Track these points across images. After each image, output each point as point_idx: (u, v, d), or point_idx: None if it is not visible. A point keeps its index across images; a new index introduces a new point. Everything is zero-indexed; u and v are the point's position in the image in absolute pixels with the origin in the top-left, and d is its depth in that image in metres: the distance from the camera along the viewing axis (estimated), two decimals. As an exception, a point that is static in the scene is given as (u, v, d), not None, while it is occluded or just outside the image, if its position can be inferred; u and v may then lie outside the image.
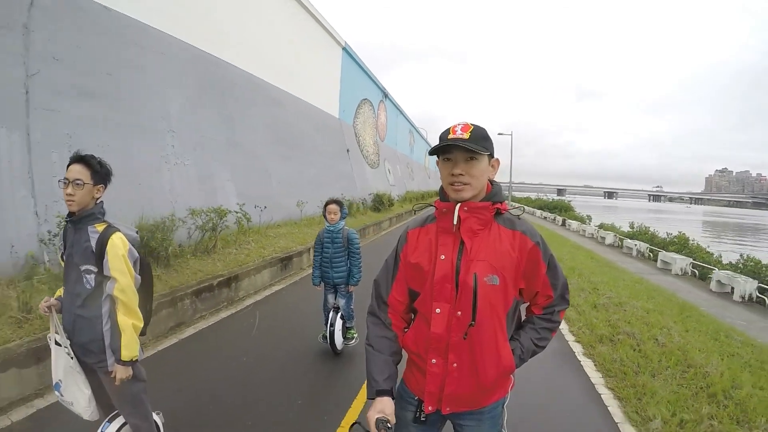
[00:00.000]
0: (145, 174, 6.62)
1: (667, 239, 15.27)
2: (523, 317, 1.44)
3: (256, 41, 10.97)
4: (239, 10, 10.18)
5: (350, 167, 17.32)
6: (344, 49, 18.00)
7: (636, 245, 14.63)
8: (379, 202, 15.91)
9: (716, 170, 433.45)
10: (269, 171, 10.53)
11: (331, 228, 3.71)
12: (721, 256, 13.66)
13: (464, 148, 1.19)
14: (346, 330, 3.93)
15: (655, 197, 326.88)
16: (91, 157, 1.78)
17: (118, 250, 1.75)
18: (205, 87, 8.73)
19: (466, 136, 1.20)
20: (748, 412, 3.18)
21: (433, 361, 1.27)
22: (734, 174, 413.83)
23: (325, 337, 3.77)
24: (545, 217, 31.20)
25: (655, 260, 13.07)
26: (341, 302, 3.86)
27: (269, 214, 9.08)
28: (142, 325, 1.84)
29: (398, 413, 1.36)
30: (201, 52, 8.70)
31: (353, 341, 3.99)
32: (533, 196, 66.84)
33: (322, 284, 3.85)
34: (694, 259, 12.15)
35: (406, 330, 1.40)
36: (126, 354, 1.76)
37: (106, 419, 1.97)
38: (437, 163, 1.30)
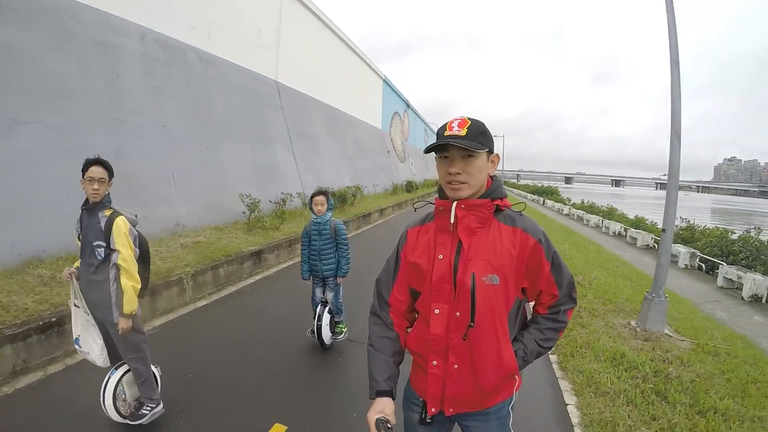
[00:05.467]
0: (326, 171, 14.80)
1: (601, 209, 23.09)
2: (530, 316, 1.38)
3: (345, 88, 19.05)
4: (338, 75, 18.23)
5: (390, 163, 25.50)
6: (384, 80, 26.02)
7: (577, 212, 22.49)
8: (410, 186, 24.10)
9: (725, 159, 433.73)
10: (356, 166, 18.70)
11: (318, 220, 3.62)
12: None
13: (461, 145, 1.14)
14: (334, 324, 3.86)
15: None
16: (104, 159, 2.28)
17: (121, 229, 2.25)
18: (329, 123, 16.81)
19: (463, 132, 1.15)
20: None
21: (434, 362, 1.24)
22: (743, 163, 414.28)
23: (313, 331, 3.71)
24: (533, 200, 39.10)
25: (583, 221, 21.00)
26: (329, 296, 3.80)
27: (364, 189, 17.25)
28: (140, 287, 2.33)
29: (406, 414, 1.39)
30: (324, 104, 16.76)
31: (342, 336, 3.92)
32: (537, 183, 76.16)
33: (311, 278, 3.78)
34: (605, 219, 19.99)
35: (409, 330, 1.37)
36: (127, 308, 2.25)
37: (113, 367, 2.49)
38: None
